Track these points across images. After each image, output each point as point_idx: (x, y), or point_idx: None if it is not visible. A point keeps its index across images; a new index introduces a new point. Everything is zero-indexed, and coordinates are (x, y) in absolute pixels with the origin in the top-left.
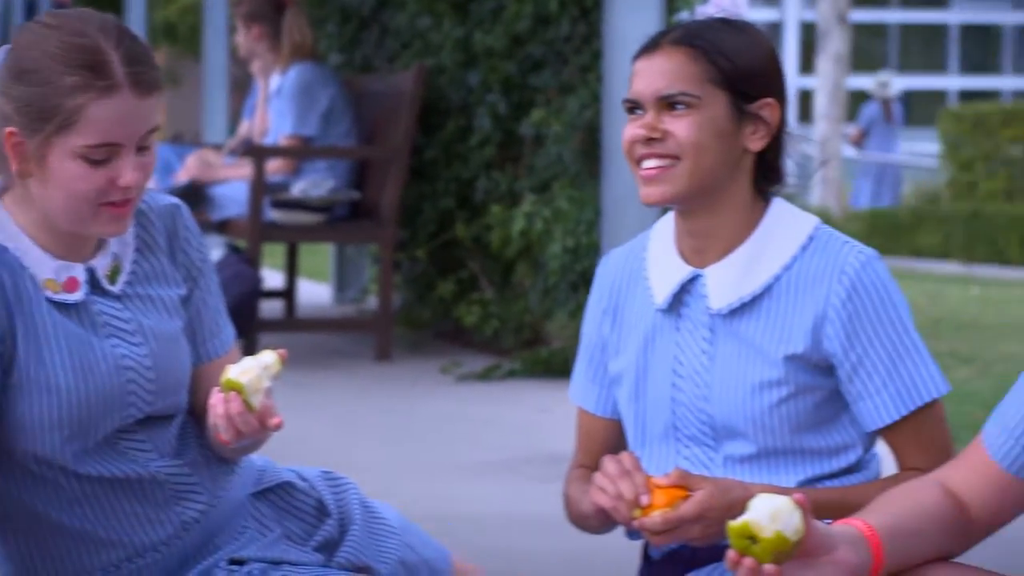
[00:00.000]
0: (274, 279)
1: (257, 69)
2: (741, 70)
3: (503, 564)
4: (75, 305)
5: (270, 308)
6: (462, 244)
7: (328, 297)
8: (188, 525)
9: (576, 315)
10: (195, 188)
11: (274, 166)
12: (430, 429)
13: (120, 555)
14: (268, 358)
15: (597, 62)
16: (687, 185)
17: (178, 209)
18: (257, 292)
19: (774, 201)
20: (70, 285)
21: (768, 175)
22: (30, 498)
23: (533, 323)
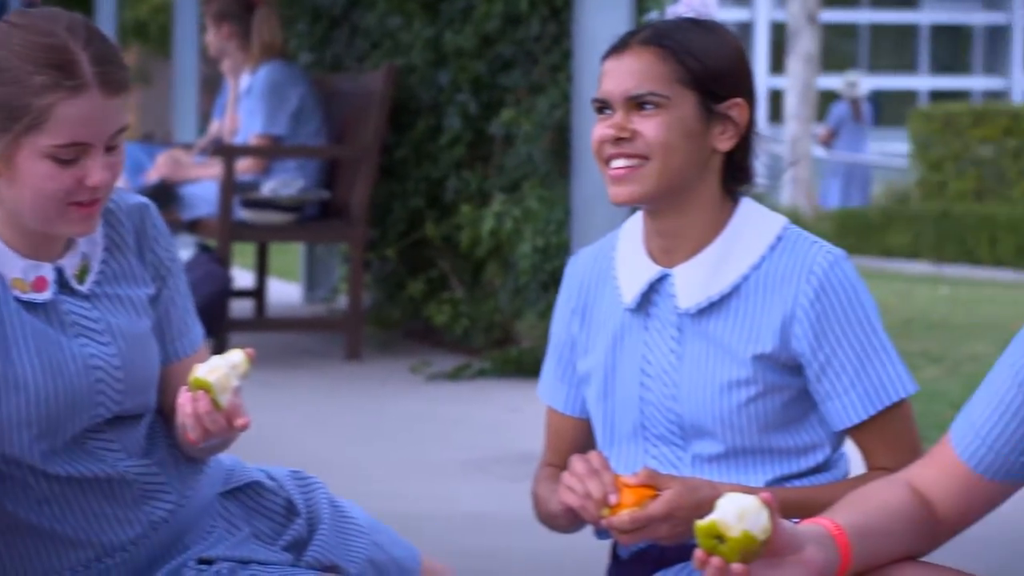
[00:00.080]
0: (244, 278)
1: (227, 68)
2: (710, 70)
3: (473, 563)
4: (43, 304)
5: (240, 307)
6: (432, 243)
7: (298, 296)
8: (157, 525)
9: (546, 315)
10: (165, 187)
11: (244, 165)
12: (400, 428)
13: (89, 555)
14: (236, 357)
15: (567, 62)
16: (656, 185)
17: (147, 208)
18: (227, 291)
19: (743, 201)
20: (38, 284)
21: (737, 175)
22: None
23: (503, 323)
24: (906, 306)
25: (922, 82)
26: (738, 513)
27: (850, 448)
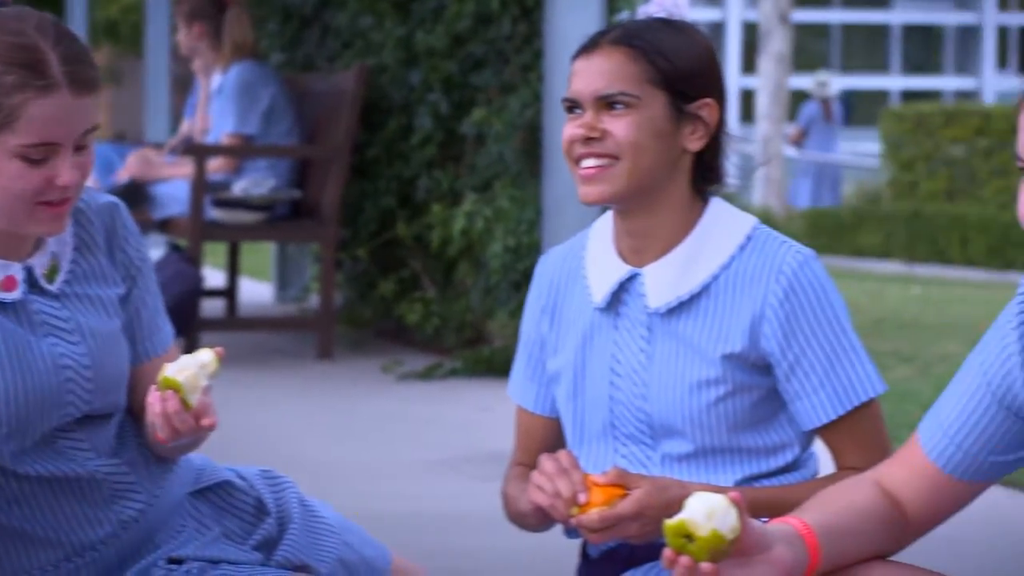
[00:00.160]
0: (215, 278)
1: (198, 68)
2: (680, 70)
3: (444, 562)
4: (12, 304)
5: (211, 307)
6: (403, 243)
7: (270, 296)
8: (126, 524)
9: (517, 314)
10: (136, 187)
11: (215, 165)
12: (372, 428)
13: (58, 554)
14: (205, 356)
15: (538, 61)
16: (626, 185)
17: (116, 208)
18: (198, 291)
19: (712, 201)
20: (8, 284)
21: (706, 175)
22: None
23: (474, 322)
24: (877, 306)
25: (894, 82)
26: (707, 512)
27: (819, 448)
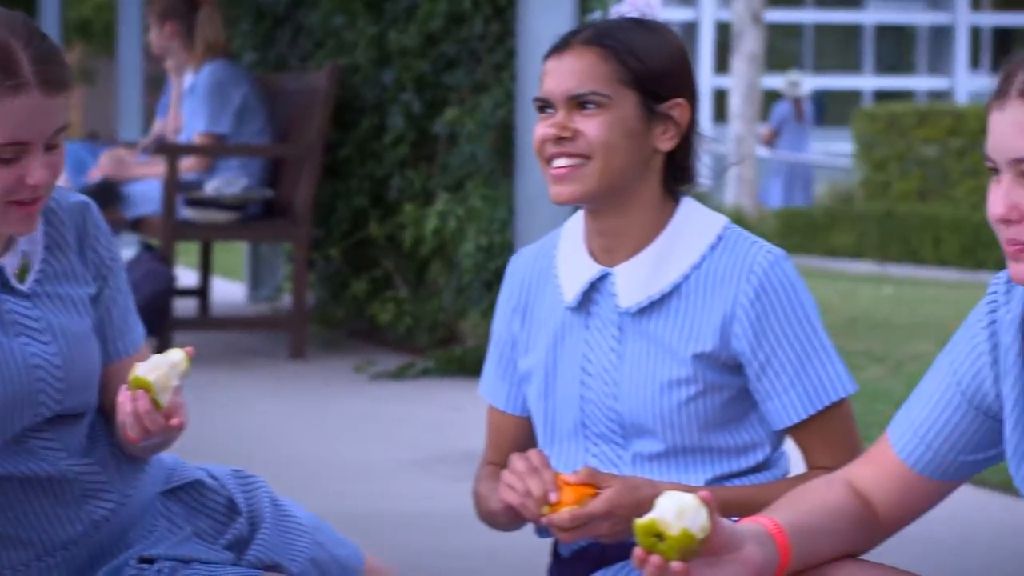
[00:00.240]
0: (188, 277)
1: (170, 67)
2: (651, 70)
3: (416, 561)
4: None
5: (184, 306)
6: (376, 243)
7: (242, 295)
8: (98, 523)
9: (489, 314)
10: (109, 186)
11: (187, 164)
12: (344, 427)
13: (30, 554)
14: (176, 356)
15: (511, 61)
16: (597, 184)
17: (87, 207)
18: (171, 290)
19: (684, 201)
20: None
21: (678, 175)
22: None
23: (447, 322)
24: (850, 306)
25: (866, 82)
26: (677, 511)
27: (790, 447)
